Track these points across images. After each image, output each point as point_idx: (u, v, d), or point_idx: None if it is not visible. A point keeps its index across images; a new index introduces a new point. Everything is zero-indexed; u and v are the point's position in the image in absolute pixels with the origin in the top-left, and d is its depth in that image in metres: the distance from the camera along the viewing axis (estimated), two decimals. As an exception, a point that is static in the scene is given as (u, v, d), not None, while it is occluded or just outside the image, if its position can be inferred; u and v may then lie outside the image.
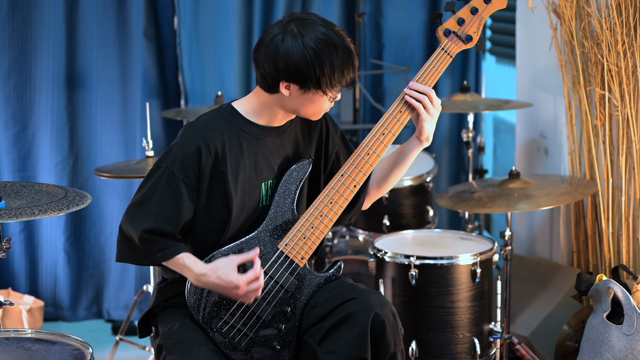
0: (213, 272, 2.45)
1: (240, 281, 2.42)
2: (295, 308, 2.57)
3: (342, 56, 2.45)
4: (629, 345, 3.12)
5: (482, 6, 2.65)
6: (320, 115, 2.56)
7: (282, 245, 2.55)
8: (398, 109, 2.61)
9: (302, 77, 2.44)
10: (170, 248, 2.48)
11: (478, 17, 2.65)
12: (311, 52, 2.42)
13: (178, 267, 2.50)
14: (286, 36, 2.44)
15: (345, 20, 4.68)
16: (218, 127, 2.52)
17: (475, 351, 3.25)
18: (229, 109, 2.57)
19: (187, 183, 2.48)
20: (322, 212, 2.56)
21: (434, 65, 2.62)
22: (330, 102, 2.53)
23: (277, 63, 2.44)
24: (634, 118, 3.47)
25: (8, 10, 4.20)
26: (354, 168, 2.57)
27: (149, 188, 2.50)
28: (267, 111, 2.55)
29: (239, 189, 2.52)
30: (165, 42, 4.42)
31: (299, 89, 2.47)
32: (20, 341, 2.52)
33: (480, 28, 2.66)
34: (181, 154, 2.48)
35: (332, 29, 2.46)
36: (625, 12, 3.39)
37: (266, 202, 2.58)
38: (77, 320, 4.46)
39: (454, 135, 4.85)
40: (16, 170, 4.32)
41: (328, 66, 2.43)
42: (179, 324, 2.53)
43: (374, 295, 2.51)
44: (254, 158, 2.55)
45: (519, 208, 3.42)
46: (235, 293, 2.44)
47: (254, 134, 2.55)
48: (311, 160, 2.63)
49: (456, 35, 2.64)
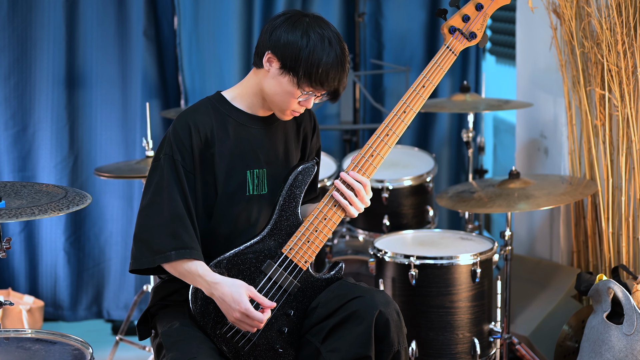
0: (228, 286, 2.45)
1: (245, 307, 2.43)
2: (297, 311, 2.57)
3: (334, 60, 2.44)
4: (629, 345, 3.12)
5: (487, 2, 2.63)
6: (286, 114, 2.54)
7: (287, 250, 2.55)
8: (402, 110, 2.59)
9: (285, 54, 2.44)
10: (185, 249, 2.47)
11: (483, 14, 2.64)
12: (307, 39, 2.43)
13: (188, 271, 2.48)
14: (296, 18, 2.46)
15: (345, 20, 4.68)
16: (207, 112, 2.55)
17: (475, 351, 3.25)
18: (217, 96, 2.60)
19: (184, 166, 2.49)
20: (326, 215, 2.56)
21: (439, 64, 2.61)
22: (299, 103, 2.51)
23: (272, 33, 2.47)
24: (634, 118, 3.47)
25: (8, 10, 4.20)
26: (358, 171, 2.57)
27: (156, 183, 2.50)
28: (251, 99, 2.56)
29: (225, 173, 2.53)
30: (165, 42, 4.42)
31: (279, 67, 2.47)
32: (20, 341, 2.52)
33: (484, 25, 2.64)
34: (175, 138, 2.50)
35: (339, 39, 2.47)
36: (625, 12, 3.39)
37: (253, 191, 2.58)
38: (77, 320, 4.46)
39: (454, 135, 4.84)
40: (16, 170, 4.32)
41: (316, 59, 2.43)
42: (178, 322, 2.53)
43: (378, 294, 2.52)
44: (239, 143, 2.55)
45: (519, 208, 3.42)
46: (234, 314, 2.45)
47: (239, 120, 2.56)
48: (316, 162, 2.63)
49: (461, 33, 2.62)
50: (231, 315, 2.46)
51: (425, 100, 2.59)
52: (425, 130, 4.86)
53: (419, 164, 4.05)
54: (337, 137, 4.75)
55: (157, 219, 2.47)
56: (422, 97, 2.59)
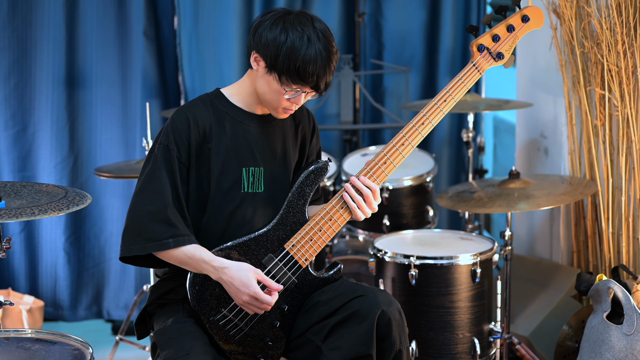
0: (236, 270, 2.46)
1: (254, 291, 2.45)
2: (292, 306, 2.58)
3: (313, 56, 2.43)
4: (629, 345, 3.12)
5: (519, 25, 2.63)
6: (278, 112, 2.55)
7: (289, 246, 2.56)
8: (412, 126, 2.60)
9: (267, 53, 2.45)
10: (184, 236, 2.47)
11: (513, 36, 2.63)
12: (284, 36, 2.43)
13: (190, 257, 2.48)
14: (278, 17, 2.47)
15: (345, 20, 4.68)
16: (205, 107, 2.56)
17: (475, 351, 3.25)
18: (215, 92, 2.61)
19: (178, 158, 2.50)
20: (332, 216, 2.57)
21: (463, 80, 2.61)
22: (289, 100, 2.51)
23: (255, 32, 2.48)
24: (634, 118, 3.47)
25: (8, 10, 4.19)
26: (369, 175, 2.58)
27: (148, 171, 2.51)
28: (248, 98, 2.57)
29: (220, 169, 2.54)
30: (165, 42, 4.43)
31: (265, 67, 2.48)
32: (20, 341, 2.52)
33: (512, 47, 2.63)
34: (172, 129, 2.51)
35: (324, 35, 2.45)
36: (625, 12, 3.39)
37: (248, 189, 2.58)
38: (77, 320, 4.46)
39: (454, 135, 4.84)
40: (16, 170, 4.32)
41: (293, 56, 2.42)
42: (172, 319, 2.54)
43: (380, 293, 2.53)
44: (236, 140, 2.56)
45: (519, 208, 3.42)
46: (242, 297, 2.46)
47: (237, 117, 2.57)
48: (328, 160, 2.64)
49: (489, 52, 2.62)
50: (239, 299, 2.47)
51: (444, 115, 2.61)
52: (425, 130, 4.85)
53: (419, 164, 4.05)
54: (337, 137, 4.75)
55: (148, 207, 2.47)
56: (442, 111, 2.60)
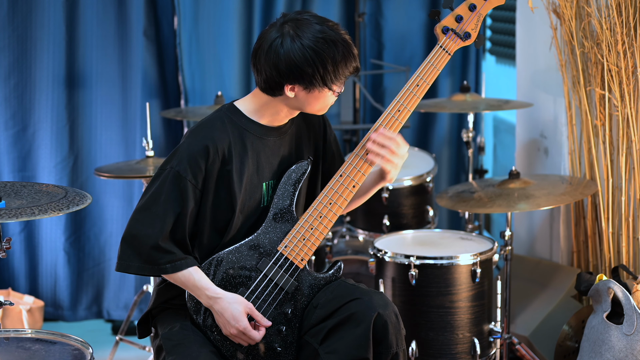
0: (228, 302, 2.47)
1: (243, 327, 2.47)
2: (295, 309, 2.57)
3: (342, 50, 2.45)
4: (629, 345, 3.12)
5: (480, 3, 2.65)
6: (327, 109, 2.58)
7: (282, 247, 2.55)
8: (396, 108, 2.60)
9: (306, 78, 2.45)
10: (181, 261, 2.48)
11: (476, 14, 2.65)
12: (311, 52, 2.43)
13: (185, 281, 2.49)
14: (284, 39, 2.44)
15: (345, 20, 4.68)
16: (223, 127, 2.52)
17: (475, 351, 3.25)
18: (231, 108, 2.57)
19: (192, 183, 2.47)
20: (322, 213, 2.56)
21: (433, 64, 2.62)
22: (335, 95, 2.53)
23: (279, 67, 2.44)
24: (634, 118, 3.47)
25: (8, 10, 4.19)
26: (353, 168, 2.57)
27: (154, 191, 2.48)
28: (269, 111, 2.56)
29: (243, 189, 2.52)
30: (165, 42, 4.42)
31: (303, 89, 2.48)
32: (20, 341, 2.52)
33: (478, 25, 2.65)
34: (187, 154, 2.48)
35: (327, 24, 2.47)
36: (625, 12, 3.39)
37: (266, 202, 2.58)
38: (77, 320, 4.46)
39: (454, 135, 4.85)
40: (16, 170, 4.32)
41: (330, 62, 2.44)
42: (179, 325, 2.53)
43: (376, 296, 2.52)
44: (257, 158, 2.55)
45: (519, 208, 3.42)
46: (230, 330, 2.48)
47: (257, 133, 2.55)
48: (310, 160, 2.63)
49: (454, 33, 2.63)
50: (227, 330, 2.49)
51: (420, 99, 2.60)
52: (425, 130, 4.86)
53: (419, 164, 4.05)
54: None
55: (147, 229, 2.47)
56: (417, 96, 2.60)
